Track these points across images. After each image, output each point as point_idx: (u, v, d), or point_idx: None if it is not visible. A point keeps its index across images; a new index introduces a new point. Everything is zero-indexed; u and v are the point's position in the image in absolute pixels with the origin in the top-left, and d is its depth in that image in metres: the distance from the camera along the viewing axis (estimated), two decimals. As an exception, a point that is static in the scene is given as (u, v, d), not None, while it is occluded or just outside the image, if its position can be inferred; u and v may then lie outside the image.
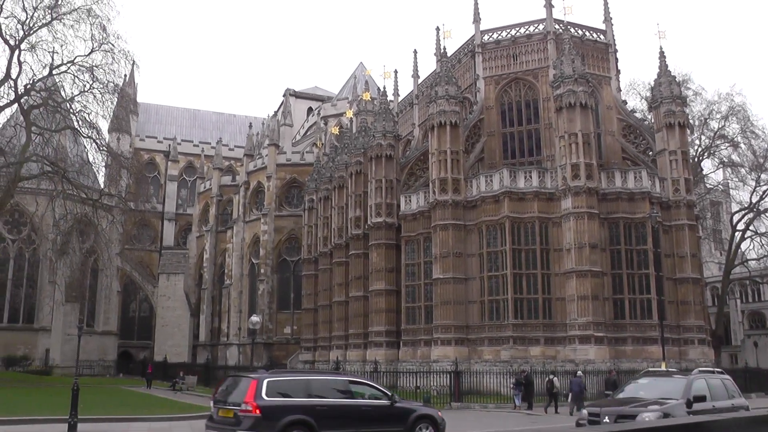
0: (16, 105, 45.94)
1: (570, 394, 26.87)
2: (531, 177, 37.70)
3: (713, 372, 17.87)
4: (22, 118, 46.04)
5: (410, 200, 42.64)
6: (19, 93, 45.25)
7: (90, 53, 45.78)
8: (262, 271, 61.53)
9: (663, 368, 21.64)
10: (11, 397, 31.37)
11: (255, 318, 35.02)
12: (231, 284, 64.21)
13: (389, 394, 16.13)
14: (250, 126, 72.70)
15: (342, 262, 49.58)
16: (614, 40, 45.00)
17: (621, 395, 16.49)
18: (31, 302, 58.70)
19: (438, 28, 48.22)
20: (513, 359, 34.91)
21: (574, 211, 35.66)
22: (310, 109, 78.50)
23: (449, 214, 38.58)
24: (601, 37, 44.78)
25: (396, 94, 56.57)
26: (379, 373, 35.06)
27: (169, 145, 79.13)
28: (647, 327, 35.69)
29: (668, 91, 40.52)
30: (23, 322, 58.87)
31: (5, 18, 44.28)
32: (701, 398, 14.59)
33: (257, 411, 13.51)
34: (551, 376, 29.35)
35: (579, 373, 28.77)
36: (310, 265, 56.28)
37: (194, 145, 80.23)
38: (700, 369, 19.68)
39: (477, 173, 40.21)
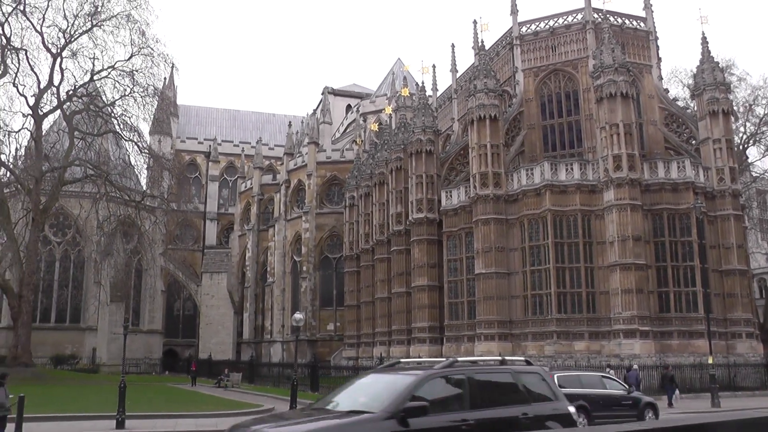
0: (58, 111, 46.99)
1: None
2: (572, 169, 37.25)
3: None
4: (65, 123, 47.09)
5: (451, 195, 42.47)
6: (62, 99, 46.28)
7: (130, 58, 46.69)
8: (305, 268, 61.88)
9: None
10: (62, 394, 32.03)
11: (298, 315, 35.22)
12: (273, 282, 64.72)
13: (625, 386, 22.06)
14: (290, 125, 73.14)
15: (384, 259, 49.61)
16: (655, 27, 44.16)
17: (324, 402, 9.80)
18: (77, 302, 59.91)
19: (475, 22, 47.92)
20: (557, 354, 34.62)
21: (616, 203, 35.15)
22: (348, 107, 78.68)
23: (490, 209, 38.33)
24: (642, 24, 43.99)
25: (434, 89, 56.34)
26: (423, 369, 34.94)
27: (210, 145, 79.94)
28: (693, 320, 35.00)
29: (711, 77, 39.66)
30: (70, 321, 60.11)
31: (47, 27, 45.35)
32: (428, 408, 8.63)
33: None
34: (608, 370, 29.01)
35: (635, 366, 28.56)
36: (352, 262, 56.44)
37: (234, 146, 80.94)
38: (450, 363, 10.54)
39: (518, 167, 39.87)
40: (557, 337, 35.21)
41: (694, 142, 41.55)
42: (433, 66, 57.91)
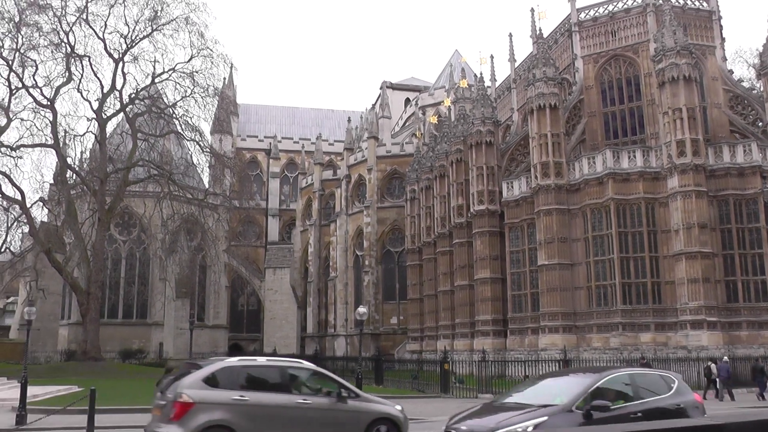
0: (122, 114, 48.05)
1: (717, 380, 25.87)
2: (635, 157, 36.28)
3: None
4: (128, 125, 48.10)
5: (512, 186, 41.95)
6: (125, 102, 47.30)
7: (189, 60, 47.34)
8: (367, 262, 62.05)
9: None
10: (131, 387, 32.84)
11: (362, 309, 35.29)
12: (336, 276, 65.10)
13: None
14: (349, 120, 73.32)
15: (446, 252, 49.36)
16: (718, 6, 42.63)
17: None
18: (143, 299, 61.21)
19: (533, 10, 47.12)
20: (623, 346, 33.78)
21: (681, 190, 34.07)
22: (407, 100, 78.45)
23: (552, 199, 37.68)
24: (704, 4, 42.52)
25: (493, 79, 55.71)
26: (487, 362, 34.62)
27: (270, 143, 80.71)
28: (763, 310, 33.71)
29: (777, 55, 38.21)
30: (137, 317, 61.49)
31: (109, 34, 46.38)
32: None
33: None
34: (709, 363, 28.27)
35: (725, 358, 27.85)
36: (414, 256, 56.35)
37: (294, 142, 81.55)
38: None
39: (579, 155, 39.09)
40: (622, 328, 34.38)
41: (760, 124, 40.10)
42: (491, 56, 57.26)
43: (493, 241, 43.13)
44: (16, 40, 43.73)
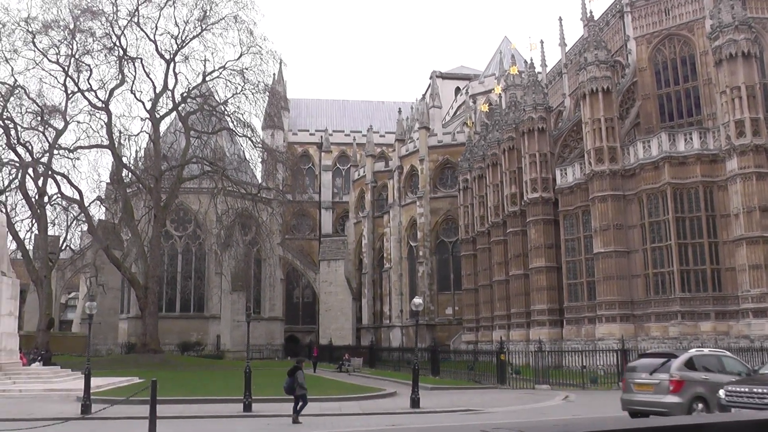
0: (174, 113, 48.87)
1: None
2: (691, 139, 35.08)
3: None
4: (180, 124, 48.91)
5: (566, 173, 41.16)
6: (177, 101, 48.08)
7: (239, 57, 47.85)
8: (421, 253, 61.81)
9: None
10: (190, 378, 33.36)
11: (417, 300, 35.01)
12: (390, 267, 65.03)
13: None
14: (399, 111, 73.06)
15: (500, 241, 48.82)
16: (779, -25, 40.90)
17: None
18: (200, 293, 62.24)
19: (583, -8, 46.15)
20: (682, 336, 32.72)
21: (740, 172, 32.77)
22: (457, 89, 77.81)
23: (607, 185, 36.81)
24: (764, -27, 40.79)
25: (543, 65, 54.79)
26: (543, 352, 34.12)
27: (321, 136, 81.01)
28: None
29: None
30: (194, 310, 62.53)
31: (160, 35, 47.25)
32: None
33: None
34: None
35: None
36: (468, 245, 55.90)
37: (345, 135, 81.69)
38: None
39: (633, 140, 38.07)
40: (681, 317, 33.34)
41: (828, 100, 38.36)
42: (541, 42, 56.40)
43: (548, 230, 42.44)
44: (71, 46, 44.93)
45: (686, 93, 40.39)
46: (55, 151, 45.73)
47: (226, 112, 49.48)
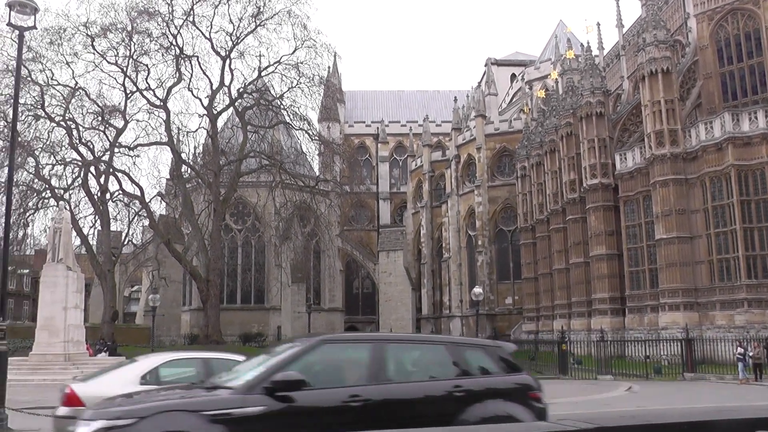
0: (231, 108, 49.44)
1: None
2: (756, 118, 33.60)
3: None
4: (238, 119, 49.44)
5: (625, 158, 40.20)
6: (233, 97, 48.61)
7: (294, 51, 48.02)
8: (480, 242, 61.34)
9: None
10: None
11: (477, 290, 34.98)
12: (449, 257, 64.71)
13: None
14: (455, 100, 72.44)
15: (559, 229, 48.07)
16: None
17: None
18: (260, 285, 62.98)
19: (641, -29, 44.85)
20: (749, 324, 31.38)
21: (809, 152, 31.44)
22: (513, 76, 76.77)
23: (668, 169, 35.73)
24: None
25: (600, 47, 53.56)
26: (605, 342, 33.47)
27: (378, 127, 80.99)
28: None
29: None
30: (255, 302, 63.27)
31: (215, 33, 47.69)
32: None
33: None
34: None
35: None
36: (527, 234, 55.25)
37: (401, 125, 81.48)
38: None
39: (695, 121, 36.85)
40: (748, 305, 32.08)
41: None
42: (598, 24, 55.30)
43: (608, 216, 41.56)
44: (129, 47, 45.80)
45: (750, 70, 38.78)
46: (116, 150, 46.81)
47: (282, 106, 49.78)
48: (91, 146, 47.24)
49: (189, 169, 50.08)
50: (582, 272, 44.25)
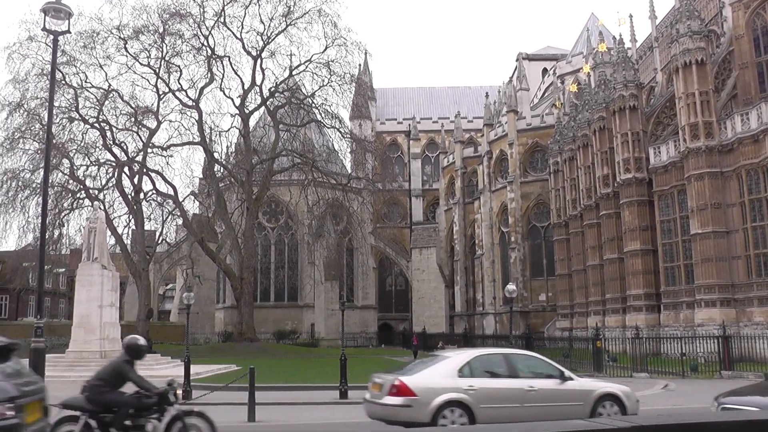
0: (263, 108, 49.88)
1: None
2: (794, 108, 32.89)
3: None
4: (269, 118, 49.89)
5: (659, 151, 39.56)
6: (265, 96, 49.06)
7: (324, 50, 48.35)
8: (513, 239, 61.00)
9: None
10: (286, 366, 33.89)
11: (511, 286, 34.65)
12: (482, 254, 64.47)
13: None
14: (487, 95, 72.10)
15: (593, 224, 47.52)
16: None
17: None
18: (293, 282, 63.44)
19: (674, -39, 44.15)
20: (789, 321, 30.84)
21: None
22: (544, 70, 76.23)
23: (703, 162, 35.00)
24: None
25: (633, 40, 52.80)
26: (640, 339, 32.99)
27: (409, 124, 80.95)
28: None
29: None
30: (288, 300, 63.82)
31: (246, 33, 48.19)
32: None
33: None
34: None
35: None
36: (560, 230, 54.77)
37: (433, 122, 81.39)
38: None
39: (731, 113, 36.01)
40: (787, 301, 31.43)
41: None
42: (630, 16, 54.41)
43: (642, 211, 40.95)
44: (161, 49, 46.46)
45: (788, 58, 37.94)
46: (149, 150, 47.49)
47: (313, 105, 50.13)
48: (125, 147, 47.98)
49: (222, 168, 50.59)
50: (616, 268, 43.72)
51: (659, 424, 4.66)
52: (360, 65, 62.78)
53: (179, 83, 47.87)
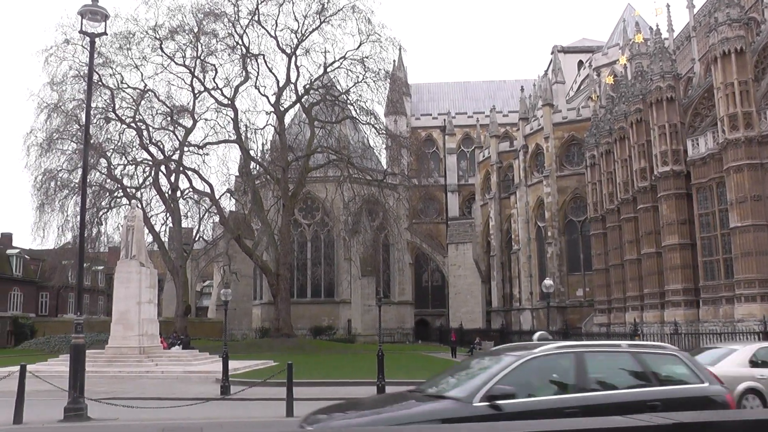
0: (298, 105, 50.09)
1: None
2: (837, 97, 32.17)
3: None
4: (304, 115, 50.11)
5: (697, 143, 38.88)
6: (300, 94, 49.28)
7: (359, 46, 48.44)
8: (549, 233, 60.59)
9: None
10: (323, 361, 34.09)
11: (548, 282, 34.49)
12: (519, 249, 64.16)
13: None
14: (522, 89, 71.55)
15: (630, 218, 46.91)
16: None
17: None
18: (329, 278, 63.66)
19: (713, -52, 43.28)
20: (832, 316, 30.09)
21: None
22: (580, 63, 75.36)
23: (742, 154, 34.32)
24: None
25: (670, 30, 52.06)
26: (679, 335, 32.52)
27: (444, 119, 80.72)
28: None
29: None
30: (325, 296, 64.17)
31: (280, 31, 48.54)
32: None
33: None
34: None
35: None
36: (597, 224, 54.16)
37: (468, 117, 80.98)
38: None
39: (771, 103, 35.42)
40: (830, 295, 30.73)
41: None
42: (667, 5, 53.66)
43: (680, 205, 40.29)
44: (196, 48, 47.01)
45: (832, 44, 37.00)
46: (186, 149, 48.14)
47: (348, 101, 50.26)
48: (161, 146, 48.67)
49: (257, 165, 51.02)
50: (654, 263, 43.10)
51: (700, 421, 4.57)
52: (394, 61, 62.84)
53: (214, 82, 48.44)
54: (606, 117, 52.57)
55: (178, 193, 48.57)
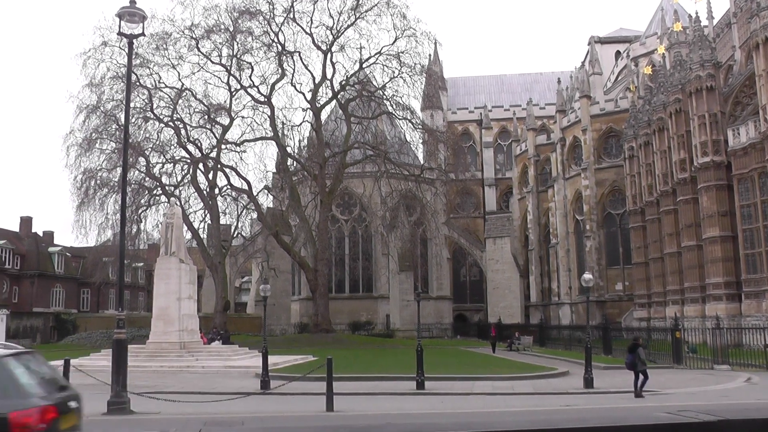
0: (334, 101, 50.34)
1: None
2: None
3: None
4: (341, 111, 50.32)
5: (738, 133, 38.23)
6: (336, 90, 49.52)
7: (394, 42, 48.48)
8: (587, 227, 60.04)
9: None
10: (362, 357, 34.15)
11: (588, 276, 33.99)
12: (557, 243, 63.69)
13: None
14: (559, 81, 70.88)
15: (670, 210, 46.33)
16: None
17: None
18: (368, 274, 63.84)
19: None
20: None
21: None
22: (617, 53, 74.30)
23: (786, 143, 33.79)
24: None
25: (710, 17, 51.06)
26: (721, 330, 31.98)
27: (481, 113, 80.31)
28: None
29: None
30: (363, 291, 64.28)
31: (315, 28, 48.71)
32: None
33: None
34: None
35: None
36: (636, 217, 53.59)
37: (505, 110, 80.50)
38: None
39: (815, 91, 34.63)
40: None
41: None
42: (707, -8, 52.50)
43: (721, 196, 39.66)
44: (232, 47, 47.50)
45: None
46: (223, 146, 48.69)
47: (384, 97, 50.40)
48: (199, 144, 49.31)
49: (295, 162, 51.42)
50: (695, 256, 42.50)
51: (747, 418, 4.52)
52: (430, 55, 62.71)
53: (251, 80, 48.87)
54: (644, 108, 51.92)
55: (216, 191, 49.18)
